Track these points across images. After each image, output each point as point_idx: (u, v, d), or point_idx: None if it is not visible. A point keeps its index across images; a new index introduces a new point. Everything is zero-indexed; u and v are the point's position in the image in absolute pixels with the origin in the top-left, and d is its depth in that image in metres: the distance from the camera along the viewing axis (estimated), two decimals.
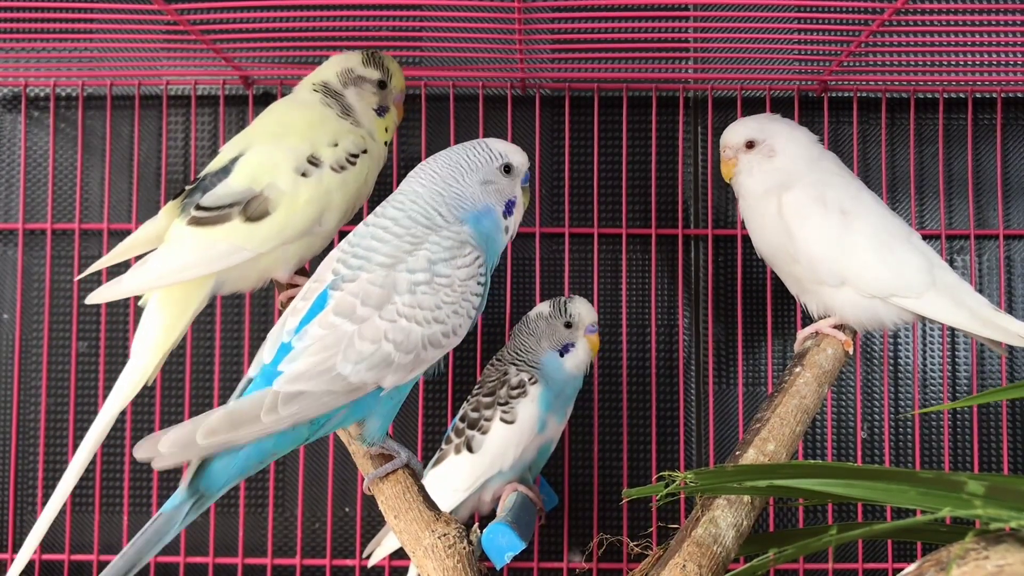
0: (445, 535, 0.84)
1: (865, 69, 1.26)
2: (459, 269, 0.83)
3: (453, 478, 1.09)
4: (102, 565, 1.29)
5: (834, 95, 1.33)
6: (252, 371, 0.82)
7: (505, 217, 0.89)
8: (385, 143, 1.07)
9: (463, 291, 0.83)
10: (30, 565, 1.30)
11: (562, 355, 1.14)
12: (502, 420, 1.10)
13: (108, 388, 1.31)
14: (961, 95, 1.33)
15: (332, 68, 1.06)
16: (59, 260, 1.34)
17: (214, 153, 1.34)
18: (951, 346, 1.32)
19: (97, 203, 1.34)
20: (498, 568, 1.02)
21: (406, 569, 1.20)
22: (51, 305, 1.32)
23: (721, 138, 1.13)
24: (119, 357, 1.32)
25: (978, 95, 1.33)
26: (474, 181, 0.87)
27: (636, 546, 1.00)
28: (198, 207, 0.93)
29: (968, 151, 1.33)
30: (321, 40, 1.20)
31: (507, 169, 0.88)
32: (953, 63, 1.24)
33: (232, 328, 1.33)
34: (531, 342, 1.15)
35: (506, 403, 1.11)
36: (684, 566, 0.82)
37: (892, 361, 1.32)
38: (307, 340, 0.79)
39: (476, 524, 1.05)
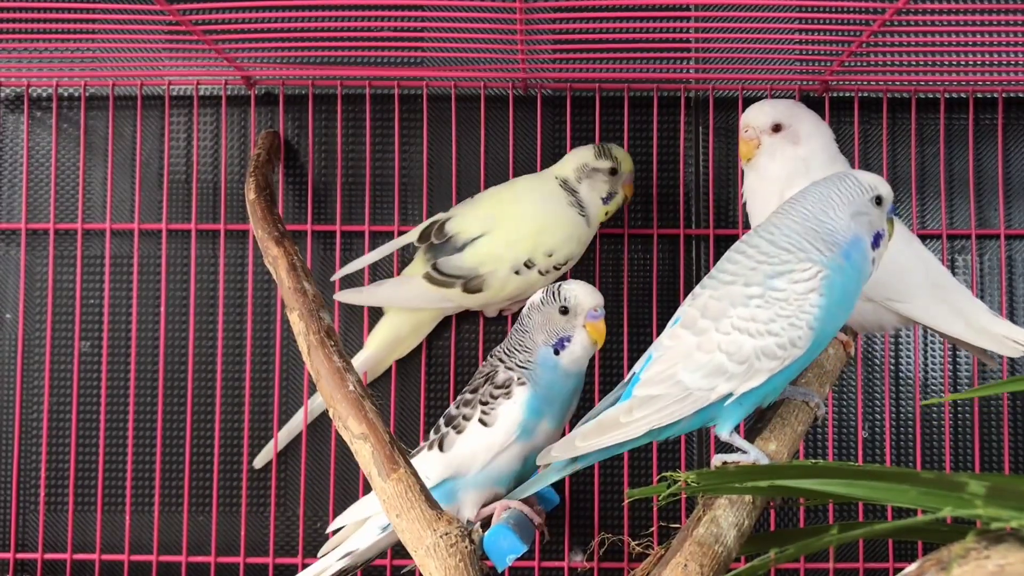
0: (447, 534, 0.85)
1: (866, 69, 1.26)
2: (795, 284, 0.86)
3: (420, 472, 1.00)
4: (104, 565, 1.29)
5: (835, 95, 1.33)
6: (629, 377, 0.93)
7: (873, 248, 0.90)
8: (601, 223, 1.24)
9: (799, 304, 0.85)
10: (32, 564, 1.30)
11: (557, 352, 1.02)
12: (480, 421, 1.02)
13: (110, 387, 1.32)
14: (962, 95, 1.33)
15: (571, 164, 1.22)
16: (61, 260, 1.34)
17: (216, 153, 1.35)
18: (952, 346, 1.32)
19: (99, 203, 1.34)
20: (499, 571, 1.02)
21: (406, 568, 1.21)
22: (53, 305, 1.33)
23: (744, 117, 1.11)
24: (121, 356, 1.32)
25: (979, 95, 1.33)
26: (845, 214, 0.88)
27: (637, 545, 1.00)
28: (435, 268, 1.20)
29: (969, 151, 1.33)
30: (322, 40, 1.20)
31: (878, 201, 0.90)
32: (954, 63, 1.24)
33: (234, 332, 1.33)
34: (524, 339, 1.03)
35: (487, 403, 1.02)
36: (686, 565, 0.82)
37: (893, 361, 1.32)
38: (659, 350, 0.90)
39: (478, 523, 1.05)
